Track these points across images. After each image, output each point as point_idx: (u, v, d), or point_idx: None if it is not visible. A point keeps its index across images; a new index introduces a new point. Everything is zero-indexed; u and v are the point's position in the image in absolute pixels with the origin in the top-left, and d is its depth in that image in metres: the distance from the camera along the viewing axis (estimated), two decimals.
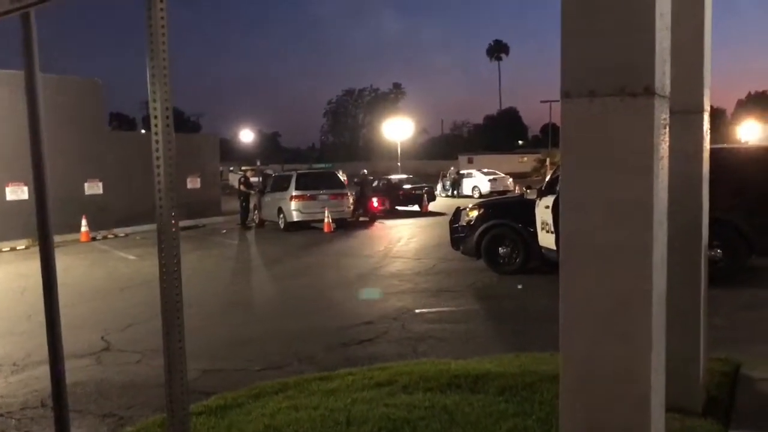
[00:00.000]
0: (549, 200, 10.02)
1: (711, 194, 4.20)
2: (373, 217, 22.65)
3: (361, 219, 22.00)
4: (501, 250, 11.12)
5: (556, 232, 9.80)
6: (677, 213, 3.28)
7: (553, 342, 7.06)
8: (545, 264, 10.65)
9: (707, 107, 3.98)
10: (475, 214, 11.58)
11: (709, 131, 4.03)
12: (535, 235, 10.58)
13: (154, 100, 2.42)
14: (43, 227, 3.00)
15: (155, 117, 2.42)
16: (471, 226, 11.48)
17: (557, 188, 10.12)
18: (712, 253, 8.97)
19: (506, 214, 11.40)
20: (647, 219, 2.47)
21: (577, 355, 2.65)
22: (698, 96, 3.89)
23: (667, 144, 2.67)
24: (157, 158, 2.35)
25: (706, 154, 4.01)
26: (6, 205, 18.01)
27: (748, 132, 47.12)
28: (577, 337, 2.65)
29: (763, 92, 79.93)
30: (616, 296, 2.53)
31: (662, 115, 2.57)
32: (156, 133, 2.40)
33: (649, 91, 2.44)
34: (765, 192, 9.38)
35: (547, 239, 10.18)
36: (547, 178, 11.10)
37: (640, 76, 2.44)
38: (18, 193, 18.34)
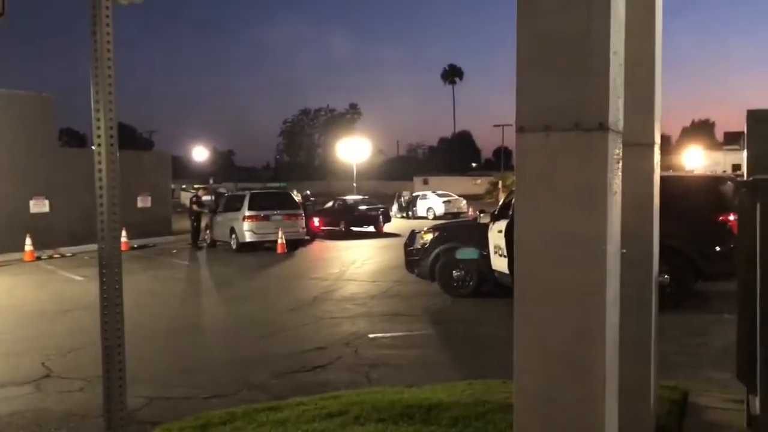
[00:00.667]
0: (502, 224, 10.10)
1: (660, 222, 4.26)
2: (314, 236, 22.60)
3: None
4: (455, 273, 11.15)
5: (509, 256, 9.87)
6: (629, 243, 3.30)
7: (506, 368, 7.05)
8: (498, 288, 10.71)
9: (658, 140, 4.05)
10: (429, 237, 11.60)
11: (659, 163, 4.10)
12: (488, 258, 10.65)
13: (98, 119, 2.32)
14: None
15: (98, 137, 2.32)
16: (425, 249, 11.49)
17: (510, 213, 10.23)
18: (661, 278, 9.14)
19: (460, 237, 11.45)
20: (601, 254, 2.47)
21: (530, 390, 2.62)
22: (650, 129, 3.96)
23: (620, 178, 2.69)
24: (100, 179, 2.24)
25: (656, 186, 4.07)
26: None
27: (693, 159, 48.75)
28: (531, 372, 2.62)
29: (706, 120, 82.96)
30: (570, 333, 2.51)
31: (615, 150, 2.58)
32: (99, 153, 2.30)
33: (603, 127, 2.45)
34: (709, 219, 9.66)
35: (500, 263, 10.25)
36: (500, 203, 11.21)
37: (594, 112, 2.45)
38: None
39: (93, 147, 2.48)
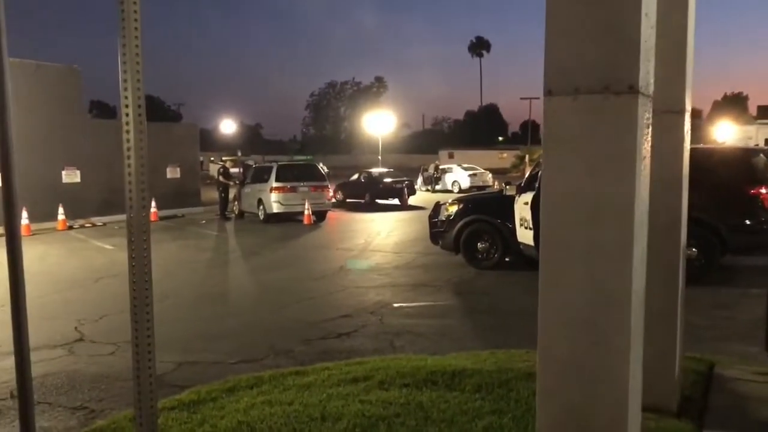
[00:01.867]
0: (528, 197, 10.04)
1: (688, 194, 4.21)
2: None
3: None
4: (479, 245, 11.14)
5: (535, 228, 9.83)
6: (657, 212, 3.27)
7: (529, 338, 7.07)
8: (523, 260, 10.69)
9: (689, 108, 3.98)
10: (454, 209, 11.58)
11: (689, 132, 4.03)
12: (513, 231, 10.61)
13: (126, 89, 2.35)
14: (10, 217, 2.91)
15: (126, 106, 2.35)
16: (450, 221, 11.48)
17: (536, 185, 10.15)
18: (689, 251, 9.05)
19: (485, 209, 11.41)
20: (628, 218, 2.45)
21: (555, 354, 2.63)
22: (680, 96, 3.89)
23: (650, 143, 2.65)
24: (128, 149, 2.27)
25: (686, 155, 4.01)
26: None
27: (724, 133, 47.77)
28: (555, 337, 2.62)
29: (739, 94, 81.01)
30: (595, 296, 2.51)
31: (645, 114, 2.55)
32: (127, 123, 2.33)
33: (633, 90, 2.41)
34: (738, 192, 9.49)
35: (525, 235, 10.21)
36: (527, 175, 11.12)
37: (624, 74, 2.41)
38: None
39: (122, 118, 2.51)
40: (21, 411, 3.25)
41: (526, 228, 10.11)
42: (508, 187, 11.10)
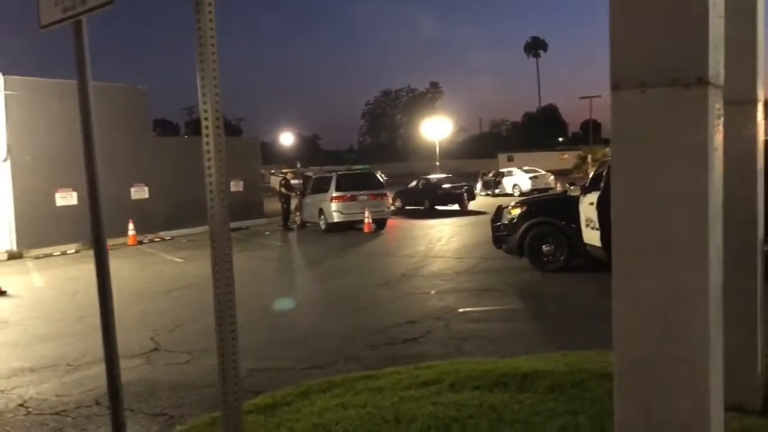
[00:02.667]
0: (593, 197, 9.88)
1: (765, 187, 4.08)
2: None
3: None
4: (544, 248, 11.00)
5: (602, 229, 9.66)
6: (732, 206, 3.19)
7: (599, 340, 6.96)
8: (589, 262, 10.50)
9: (761, 97, 3.87)
10: (517, 212, 11.48)
11: (763, 122, 3.92)
12: (579, 232, 10.45)
13: (205, 104, 2.45)
14: (96, 232, 3.07)
15: (206, 119, 2.45)
16: (513, 224, 11.38)
17: (601, 184, 9.98)
18: (766, 247, 8.72)
19: (549, 211, 11.27)
20: (702, 212, 2.41)
21: (630, 351, 2.60)
22: (752, 85, 3.78)
23: (722, 135, 2.60)
24: (209, 160, 2.37)
25: (760, 145, 3.90)
26: (56, 210, 18.52)
27: None
28: (630, 334, 2.59)
29: None
30: (670, 291, 2.47)
31: (716, 105, 2.50)
32: (207, 135, 2.43)
33: (703, 82, 2.37)
34: None
35: (591, 236, 10.03)
36: (591, 175, 10.93)
37: (692, 66, 2.38)
38: (67, 198, 18.84)
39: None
40: (113, 418, 3.41)
41: (592, 229, 9.94)
42: (572, 187, 10.94)
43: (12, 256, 17.37)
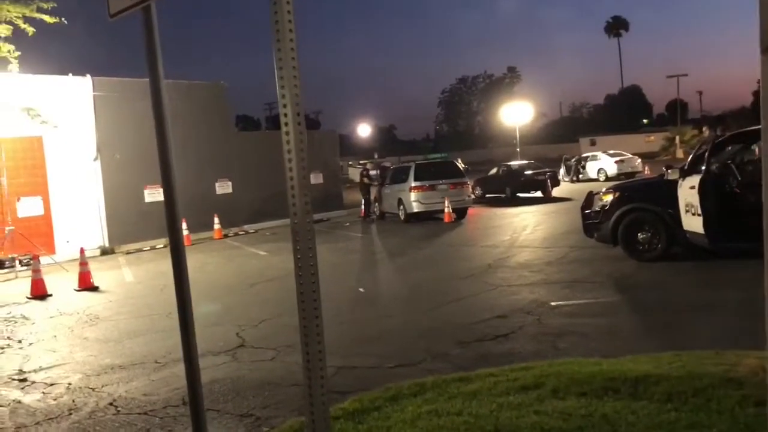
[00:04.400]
0: (695, 180, 9.18)
1: None
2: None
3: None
4: (640, 235, 10.34)
5: (705, 214, 8.96)
6: None
7: (710, 337, 6.36)
8: (690, 250, 9.80)
9: None
10: (609, 198, 10.85)
11: None
12: (677, 218, 9.75)
13: (284, 96, 2.22)
14: (173, 227, 2.90)
15: (285, 115, 2.21)
16: (606, 211, 10.77)
17: (703, 167, 9.26)
18: None
19: (645, 197, 10.59)
20: None
21: None
22: None
23: None
24: (289, 152, 2.13)
25: None
26: (145, 206, 19.08)
27: None
28: None
29: None
30: None
31: None
32: (287, 133, 2.18)
33: None
34: None
35: (692, 222, 9.34)
36: (690, 157, 10.18)
37: None
38: (155, 195, 19.37)
39: (282, 127, 2.38)
40: (193, 419, 3.26)
41: (693, 215, 9.24)
42: (670, 171, 10.22)
43: (104, 252, 18.01)
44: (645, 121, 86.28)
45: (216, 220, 19.70)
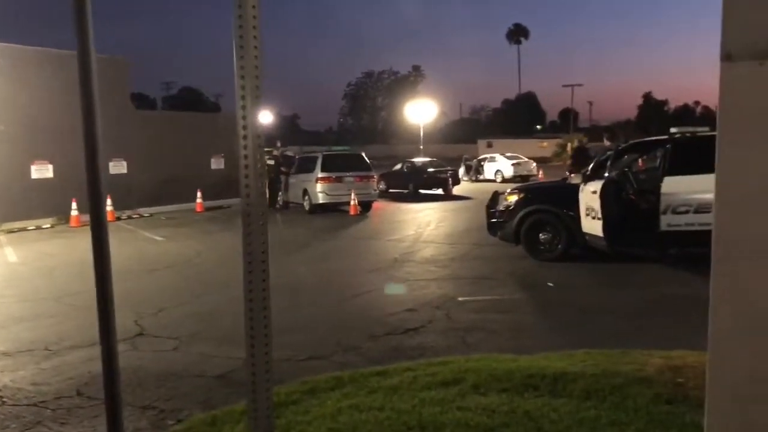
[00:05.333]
0: (596, 185, 9.57)
1: None
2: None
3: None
4: (542, 236, 10.69)
5: (605, 218, 9.36)
6: None
7: (611, 335, 6.63)
8: (588, 251, 10.23)
9: None
10: (514, 198, 11.15)
11: None
12: (578, 221, 10.15)
13: (242, 77, 2.05)
14: (95, 207, 2.65)
15: (242, 97, 2.05)
16: (510, 211, 11.05)
17: (604, 173, 9.67)
18: None
19: (548, 199, 10.95)
20: None
21: (730, 369, 2.23)
22: None
23: None
24: (245, 137, 1.97)
25: None
26: (31, 183, 17.81)
27: None
28: (731, 350, 2.22)
29: None
30: None
31: None
32: (243, 107, 2.02)
33: None
34: None
35: (592, 226, 9.74)
36: (593, 163, 10.61)
37: None
38: (43, 171, 18.12)
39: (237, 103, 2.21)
40: (108, 410, 3.01)
41: (593, 218, 9.63)
42: (573, 175, 10.62)
43: None
44: (539, 127, 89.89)
45: (108, 201, 18.60)
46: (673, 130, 9.98)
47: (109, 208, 18.35)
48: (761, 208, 2.13)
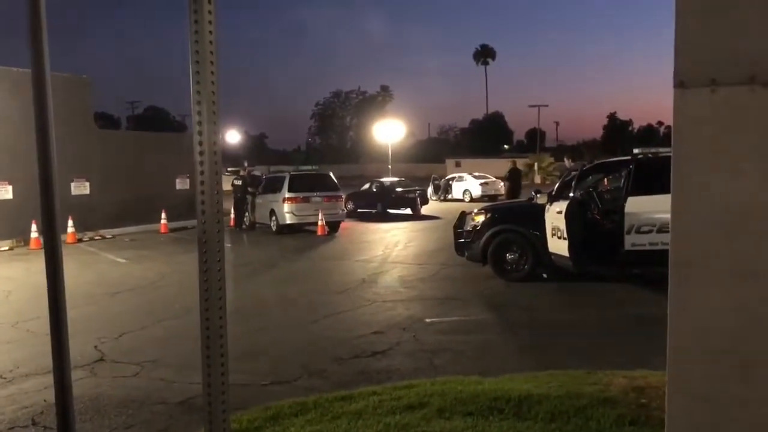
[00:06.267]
0: (561, 205, 9.68)
1: None
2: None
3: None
4: (509, 256, 10.76)
5: (570, 238, 9.46)
6: None
7: (575, 355, 6.67)
8: (554, 271, 10.31)
9: None
10: (481, 218, 11.21)
11: None
12: (544, 241, 10.24)
13: (198, 102, 2.01)
14: (49, 229, 2.59)
15: (198, 114, 2.01)
16: (477, 231, 11.10)
17: (569, 193, 9.79)
18: None
19: (514, 219, 11.04)
20: None
21: (688, 389, 2.25)
22: None
23: None
24: (201, 154, 1.93)
25: None
26: None
27: None
28: (688, 370, 2.24)
29: None
30: (741, 323, 2.13)
31: None
32: (200, 133, 1.98)
33: None
34: None
35: (558, 246, 9.83)
36: (557, 183, 10.74)
37: None
38: (1, 192, 17.70)
39: (195, 127, 2.17)
40: None
41: (559, 238, 9.73)
42: (538, 195, 10.73)
43: None
44: (506, 146, 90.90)
45: (70, 222, 18.25)
46: (636, 150, 10.17)
47: (70, 229, 18.04)
48: (714, 231, 2.16)
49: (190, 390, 5.72)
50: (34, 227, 16.78)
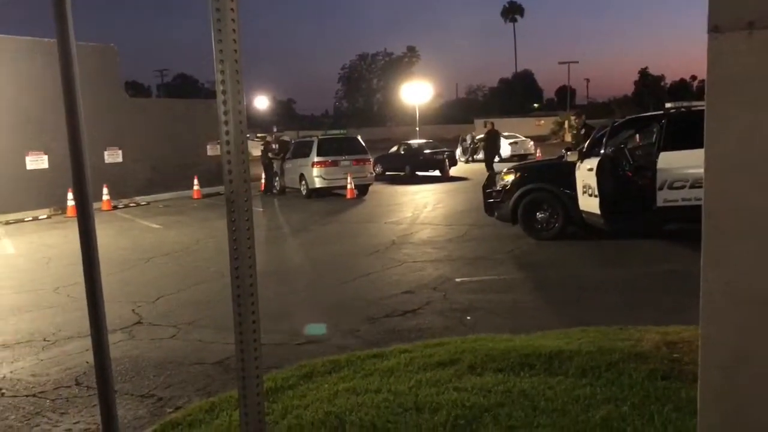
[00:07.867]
0: (593, 162, 9.54)
1: None
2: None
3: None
4: (539, 215, 10.66)
5: (601, 195, 9.34)
6: None
7: (606, 313, 6.64)
8: (585, 229, 10.22)
9: None
10: (510, 178, 11.11)
11: None
12: (574, 199, 10.13)
13: (221, 60, 2.01)
14: (81, 197, 2.63)
15: (222, 81, 2.01)
16: (507, 191, 11.01)
17: (600, 150, 9.63)
18: None
19: (544, 177, 10.91)
20: None
21: (721, 345, 2.22)
22: None
23: None
24: (226, 122, 1.94)
25: None
26: (26, 174, 17.74)
27: None
28: (722, 325, 2.21)
29: None
30: None
31: None
32: (224, 92, 1.98)
33: None
34: None
35: (589, 203, 9.72)
36: (589, 140, 10.57)
37: None
38: (38, 162, 18.04)
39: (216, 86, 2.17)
40: (101, 398, 2.99)
41: (590, 196, 9.61)
42: (569, 153, 10.58)
43: None
44: (536, 105, 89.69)
45: (105, 190, 18.59)
46: (668, 105, 9.94)
47: (105, 197, 18.37)
48: (749, 180, 2.10)
49: (226, 350, 5.84)
50: (70, 195, 17.11)
